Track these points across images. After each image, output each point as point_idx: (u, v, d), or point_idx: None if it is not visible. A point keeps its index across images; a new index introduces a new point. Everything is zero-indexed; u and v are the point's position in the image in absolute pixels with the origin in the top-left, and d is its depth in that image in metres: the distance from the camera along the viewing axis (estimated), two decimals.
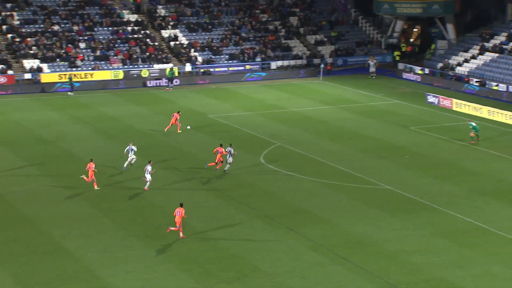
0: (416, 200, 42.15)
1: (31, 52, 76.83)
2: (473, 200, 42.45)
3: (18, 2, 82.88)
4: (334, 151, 52.25)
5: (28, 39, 78.23)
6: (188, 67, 79.71)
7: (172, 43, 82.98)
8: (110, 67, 77.38)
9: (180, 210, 36.29)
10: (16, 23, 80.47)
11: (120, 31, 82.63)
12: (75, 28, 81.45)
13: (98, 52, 78.71)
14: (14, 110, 64.34)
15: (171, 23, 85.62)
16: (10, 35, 78.58)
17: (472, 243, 36.21)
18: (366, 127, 59.29)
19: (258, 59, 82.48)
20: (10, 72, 74.09)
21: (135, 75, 76.94)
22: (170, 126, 56.17)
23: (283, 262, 33.78)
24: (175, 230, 36.29)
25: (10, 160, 49.40)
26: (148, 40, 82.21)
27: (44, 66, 75.37)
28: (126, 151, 46.59)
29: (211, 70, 79.97)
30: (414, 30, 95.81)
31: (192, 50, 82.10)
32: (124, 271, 32.86)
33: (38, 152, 51.52)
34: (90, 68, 76.57)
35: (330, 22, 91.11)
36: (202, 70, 79.74)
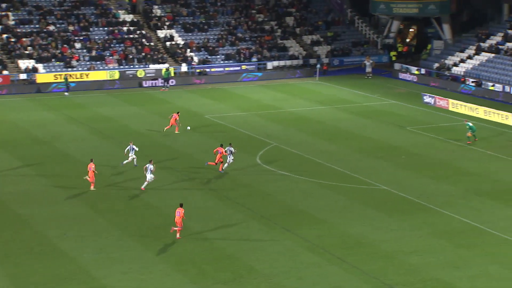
0: (412, 201, 42.11)
1: (27, 52, 76.67)
2: (469, 200, 42.43)
3: (13, 2, 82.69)
4: (330, 151, 52.20)
5: (24, 39, 78.08)
6: (184, 67, 79.62)
7: (168, 43, 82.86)
8: (106, 68, 77.24)
9: (180, 211, 36.25)
10: (11, 23, 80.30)
11: (116, 31, 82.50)
12: (70, 28, 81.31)
13: (94, 52, 78.58)
14: (10, 111, 64.18)
15: (167, 23, 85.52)
16: (5, 35, 78.41)
17: (468, 243, 36.18)
18: (362, 127, 59.24)
19: (254, 59, 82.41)
20: (6, 72, 73.94)
21: (131, 75, 76.84)
22: (170, 127, 56.10)
23: (279, 263, 33.71)
24: (178, 230, 36.27)
25: (6, 161, 49.24)
26: (144, 40, 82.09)
27: (40, 66, 75.22)
28: (127, 150, 46.67)
29: (207, 70, 79.87)
30: (410, 30, 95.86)
31: (188, 50, 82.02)
32: (120, 271, 32.77)
33: (34, 152, 51.39)
34: (86, 68, 76.43)
35: (326, 22, 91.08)
36: (198, 71, 79.65)
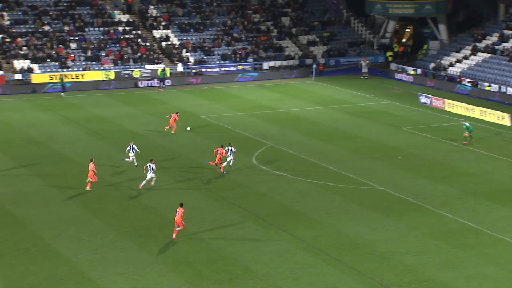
0: (408, 201, 42.05)
1: (22, 52, 76.48)
2: (465, 200, 42.39)
3: (9, 2, 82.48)
4: (326, 151, 52.13)
5: (19, 40, 77.87)
6: (180, 68, 79.49)
7: (163, 44, 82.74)
8: (102, 68, 77.10)
9: (180, 211, 36.17)
10: (7, 23, 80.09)
11: (111, 31, 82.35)
12: (66, 28, 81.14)
13: (89, 53, 78.42)
14: (5, 111, 64.02)
15: (163, 23, 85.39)
16: (0, 36, 78.22)
17: (464, 244, 36.14)
18: (358, 127, 59.18)
19: (250, 59, 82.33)
20: (1, 72, 73.73)
21: (127, 76, 76.70)
22: (170, 127, 56.02)
23: (275, 263, 33.64)
24: (180, 229, 36.19)
25: (1, 161, 49.09)
26: (139, 40, 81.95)
27: (35, 67, 75.05)
28: (127, 150, 46.75)
29: (203, 70, 79.76)
30: (406, 30, 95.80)
31: (184, 50, 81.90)
32: (116, 272, 32.67)
33: (29, 153, 51.25)
34: (81, 69, 76.28)
35: (322, 22, 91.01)
36: (194, 71, 79.54)
